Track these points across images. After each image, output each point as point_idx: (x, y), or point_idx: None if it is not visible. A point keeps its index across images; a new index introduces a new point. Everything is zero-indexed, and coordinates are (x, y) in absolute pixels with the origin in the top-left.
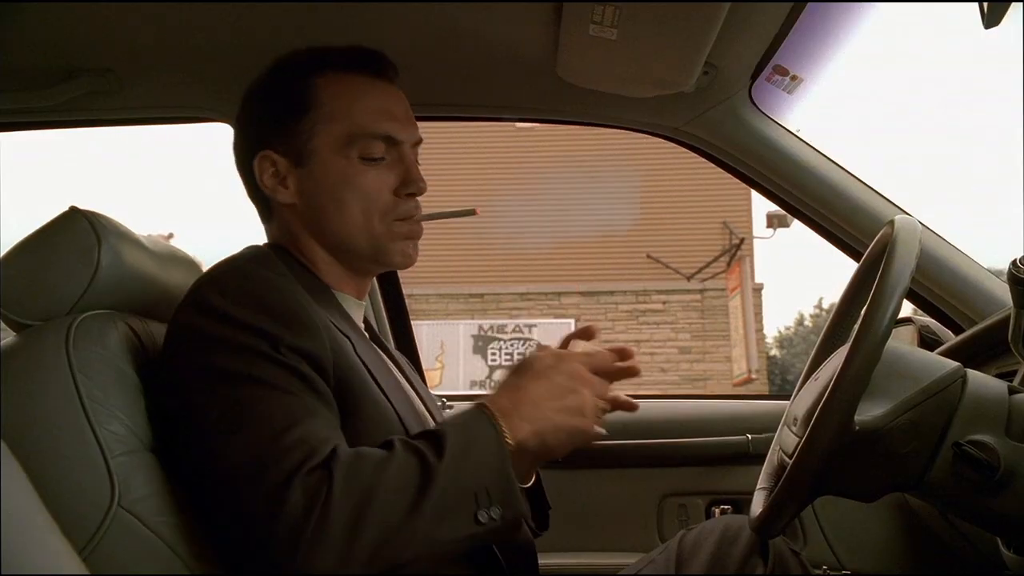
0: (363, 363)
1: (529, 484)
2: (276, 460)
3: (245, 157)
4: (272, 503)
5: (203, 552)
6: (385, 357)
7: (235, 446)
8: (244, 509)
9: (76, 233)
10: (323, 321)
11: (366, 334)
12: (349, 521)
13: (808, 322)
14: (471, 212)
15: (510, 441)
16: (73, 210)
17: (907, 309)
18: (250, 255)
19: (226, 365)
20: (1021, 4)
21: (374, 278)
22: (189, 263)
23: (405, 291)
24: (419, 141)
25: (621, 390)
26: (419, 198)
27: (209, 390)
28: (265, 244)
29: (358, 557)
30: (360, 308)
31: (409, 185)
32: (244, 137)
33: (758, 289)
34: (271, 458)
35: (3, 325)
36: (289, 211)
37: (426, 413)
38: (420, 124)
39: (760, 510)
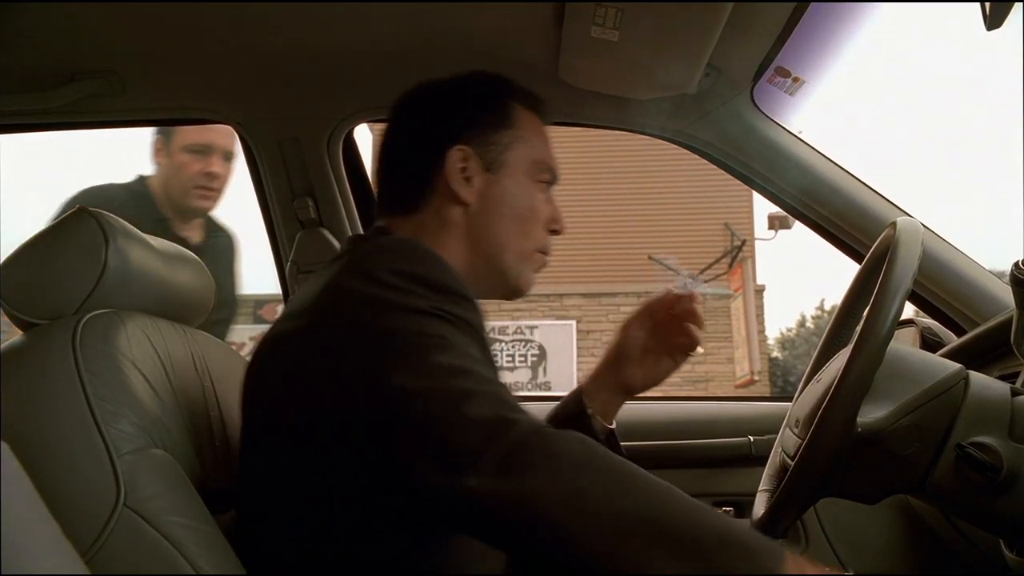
0: None
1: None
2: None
3: (432, 144)
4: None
5: (211, 555)
6: None
7: (424, 379)
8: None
9: (84, 232)
10: None
11: None
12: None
13: (810, 323)
14: (728, 295)
15: None
16: (81, 209)
17: (909, 311)
18: (401, 238)
19: (401, 323)
20: (1023, 5)
21: None
22: (195, 263)
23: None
24: None
25: None
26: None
27: (387, 340)
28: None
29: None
30: None
31: (556, 222)
32: (434, 125)
33: (760, 291)
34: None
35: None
36: (459, 209)
37: None
38: None
39: (762, 512)
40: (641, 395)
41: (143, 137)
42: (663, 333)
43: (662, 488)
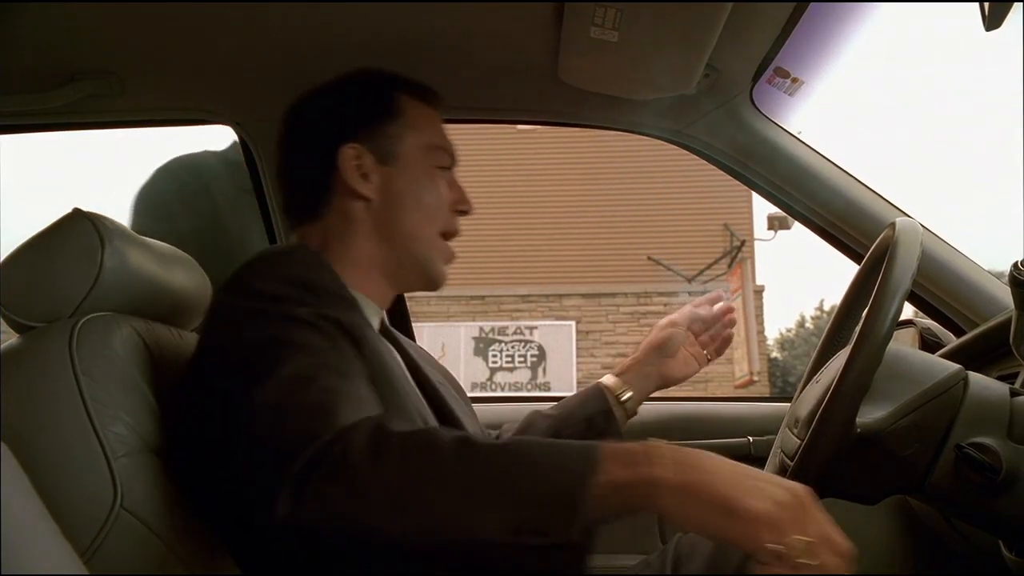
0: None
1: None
2: (302, 412)
3: (324, 147)
4: (287, 454)
5: (204, 554)
6: (399, 360)
7: (260, 395)
8: (256, 460)
9: (79, 235)
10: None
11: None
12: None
13: (809, 324)
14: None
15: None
16: (76, 212)
17: (908, 311)
18: (287, 244)
19: (259, 333)
20: (1022, 5)
21: None
22: (191, 265)
23: (406, 293)
24: None
25: None
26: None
27: (242, 354)
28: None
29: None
30: (378, 315)
31: (461, 203)
32: (320, 129)
33: (759, 291)
34: (297, 407)
35: (6, 327)
36: (361, 206)
37: (430, 416)
38: None
39: None
40: None
41: (141, 138)
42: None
43: (465, 449)
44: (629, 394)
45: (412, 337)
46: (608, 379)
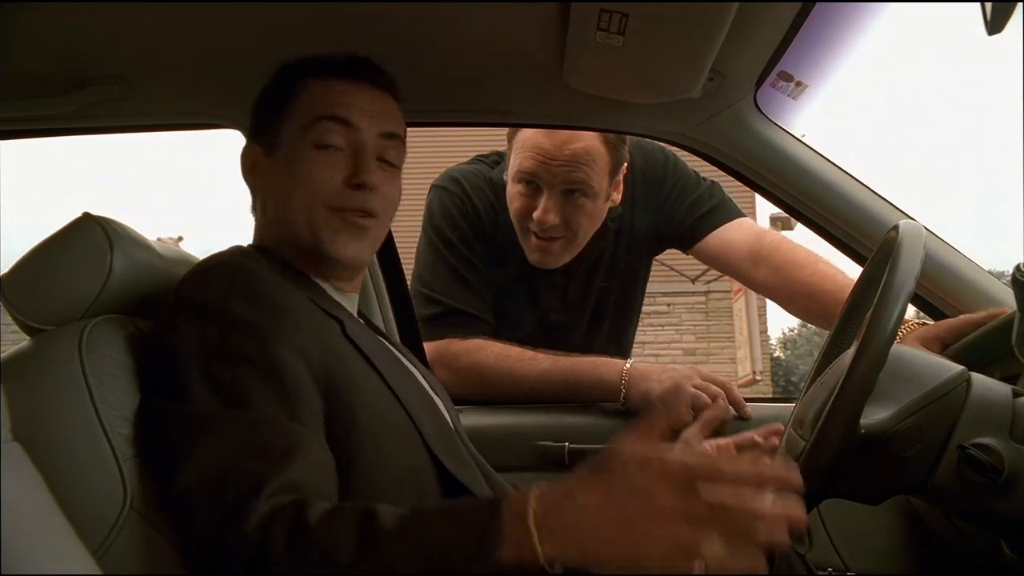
0: (354, 343)
1: None
2: (234, 486)
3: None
4: (220, 531)
5: None
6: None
7: (194, 462)
8: (195, 528)
9: (89, 239)
10: (308, 308)
11: (359, 319)
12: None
13: (812, 324)
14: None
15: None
16: (86, 216)
17: (910, 313)
18: (233, 250)
19: (208, 370)
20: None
21: (366, 270)
22: None
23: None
24: (391, 135)
25: None
26: None
27: (185, 395)
28: (248, 244)
29: None
30: (352, 300)
31: (355, 176)
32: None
33: None
34: (228, 483)
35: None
36: (258, 199)
37: (425, 386)
38: (426, 130)
39: None
40: None
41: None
42: None
43: (373, 533)
44: None
45: (416, 333)
46: None
